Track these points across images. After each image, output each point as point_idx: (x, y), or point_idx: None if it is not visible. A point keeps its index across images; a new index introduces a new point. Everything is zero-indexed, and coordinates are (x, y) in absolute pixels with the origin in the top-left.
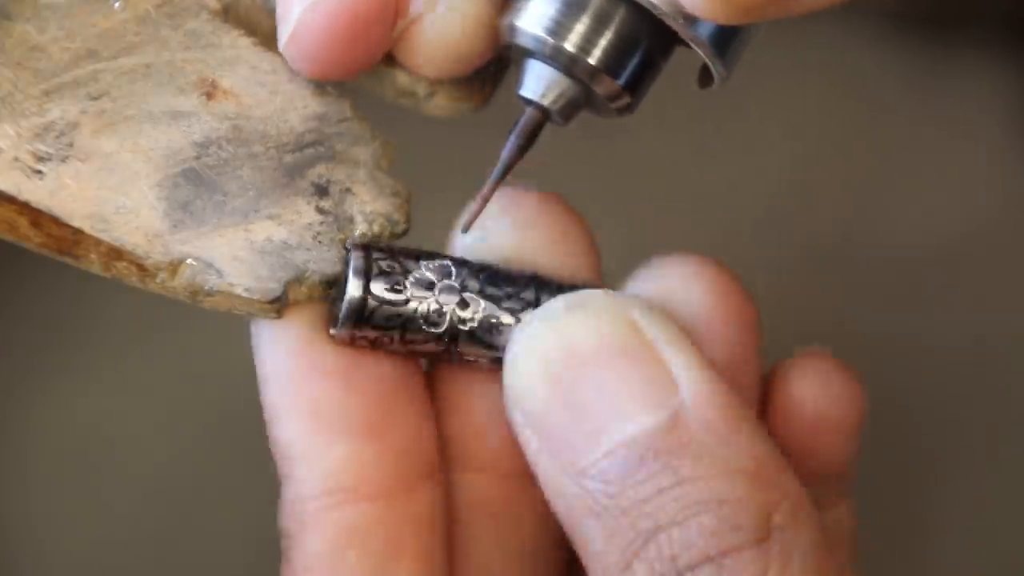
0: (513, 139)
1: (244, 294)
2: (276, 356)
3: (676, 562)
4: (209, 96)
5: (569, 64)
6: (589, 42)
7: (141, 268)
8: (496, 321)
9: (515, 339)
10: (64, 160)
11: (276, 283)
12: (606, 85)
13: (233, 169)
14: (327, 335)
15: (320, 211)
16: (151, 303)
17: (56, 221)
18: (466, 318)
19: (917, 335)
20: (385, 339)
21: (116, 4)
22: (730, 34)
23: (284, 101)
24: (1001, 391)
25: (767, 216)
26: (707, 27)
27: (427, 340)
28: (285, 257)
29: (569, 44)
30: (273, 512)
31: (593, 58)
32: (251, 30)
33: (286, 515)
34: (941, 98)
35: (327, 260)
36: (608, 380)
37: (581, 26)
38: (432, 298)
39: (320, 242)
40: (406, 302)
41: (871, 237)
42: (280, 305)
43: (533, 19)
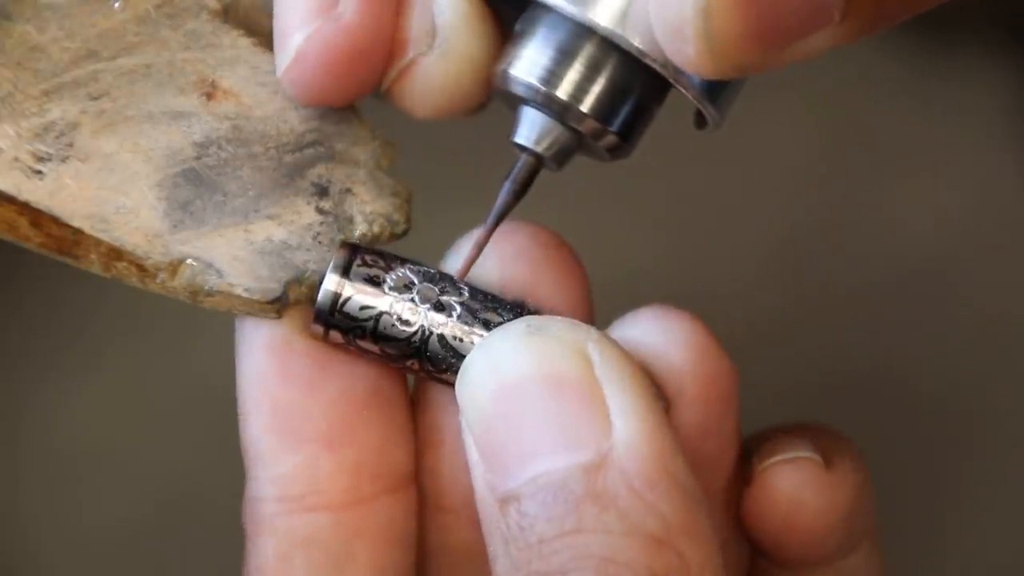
0: (508, 185)
1: (244, 294)
2: (250, 355)
3: None
4: (209, 96)
5: (562, 112)
6: (581, 90)
7: (141, 268)
8: (468, 329)
9: (475, 349)
10: (64, 160)
11: (276, 283)
12: (599, 132)
13: (233, 169)
14: (307, 338)
15: (320, 211)
16: (151, 303)
17: (56, 221)
18: (439, 322)
19: (917, 335)
20: (358, 333)
21: (116, 4)
22: (722, 81)
23: (284, 101)
24: (1002, 391)
25: (767, 216)
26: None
27: (399, 340)
28: (285, 257)
29: (562, 92)
30: None
31: (585, 106)
32: (251, 30)
33: (246, 514)
34: (941, 98)
35: (327, 260)
36: (548, 409)
37: (574, 74)
38: (409, 297)
39: (320, 242)
40: (382, 296)
41: (871, 237)
42: (280, 305)
43: (526, 67)
